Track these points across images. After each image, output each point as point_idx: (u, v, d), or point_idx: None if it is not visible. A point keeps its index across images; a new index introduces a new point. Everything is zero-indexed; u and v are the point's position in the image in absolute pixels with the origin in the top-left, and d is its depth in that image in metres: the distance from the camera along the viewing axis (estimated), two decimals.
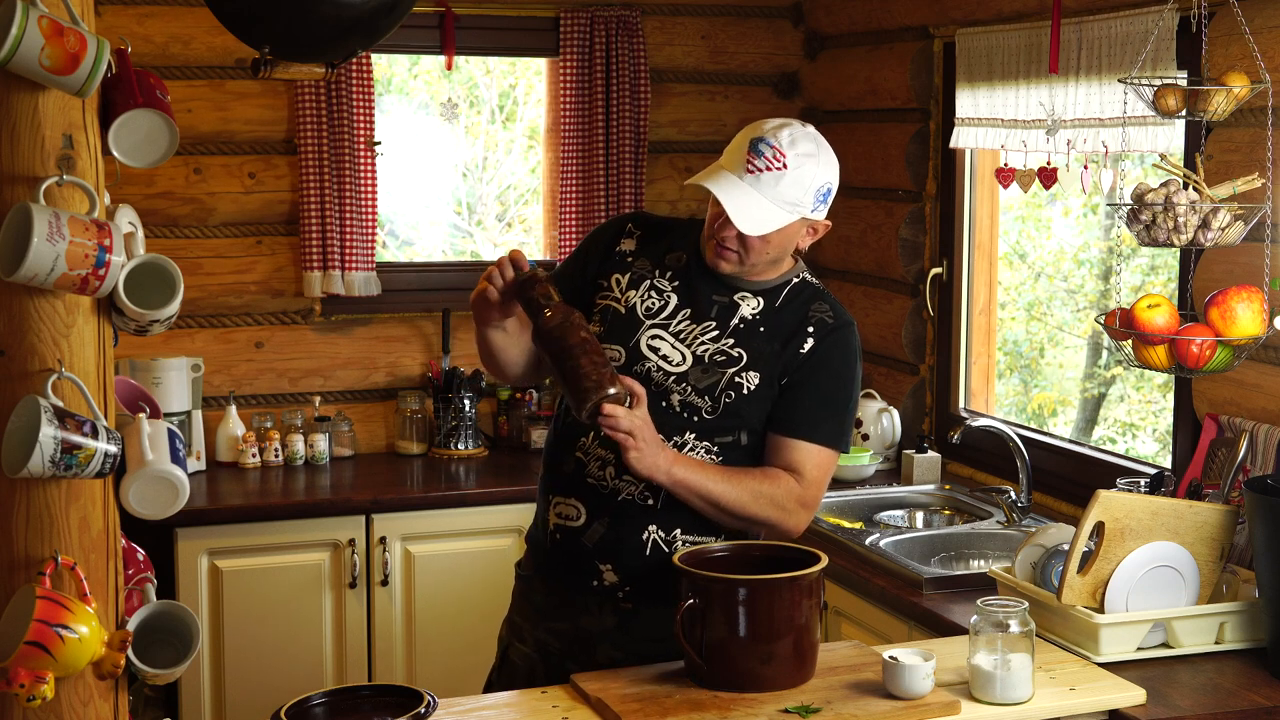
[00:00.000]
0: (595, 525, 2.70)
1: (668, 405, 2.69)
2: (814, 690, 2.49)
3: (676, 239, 2.81)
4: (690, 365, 2.69)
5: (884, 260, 4.62)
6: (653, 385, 2.68)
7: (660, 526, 2.69)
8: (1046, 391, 6.68)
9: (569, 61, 4.75)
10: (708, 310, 2.72)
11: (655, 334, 2.72)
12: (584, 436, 2.70)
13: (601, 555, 2.70)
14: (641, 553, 2.68)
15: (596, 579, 2.71)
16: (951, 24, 4.22)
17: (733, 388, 2.68)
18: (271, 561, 4.14)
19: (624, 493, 2.68)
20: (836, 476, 4.27)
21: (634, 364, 2.70)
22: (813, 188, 2.63)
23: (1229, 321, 2.91)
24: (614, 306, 2.74)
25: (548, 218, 4.95)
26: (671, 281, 2.75)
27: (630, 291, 2.75)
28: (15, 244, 1.95)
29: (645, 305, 2.73)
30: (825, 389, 2.70)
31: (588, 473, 2.70)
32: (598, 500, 2.69)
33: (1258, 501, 2.74)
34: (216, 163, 4.57)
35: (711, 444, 2.69)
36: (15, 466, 1.96)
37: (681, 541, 2.70)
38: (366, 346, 4.75)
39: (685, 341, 2.71)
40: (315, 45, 2.32)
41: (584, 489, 2.70)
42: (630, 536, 2.69)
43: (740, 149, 2.65)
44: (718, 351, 2.70)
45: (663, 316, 2.73)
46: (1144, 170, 4.48)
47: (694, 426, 2.69)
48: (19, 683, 1.96)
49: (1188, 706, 2.58)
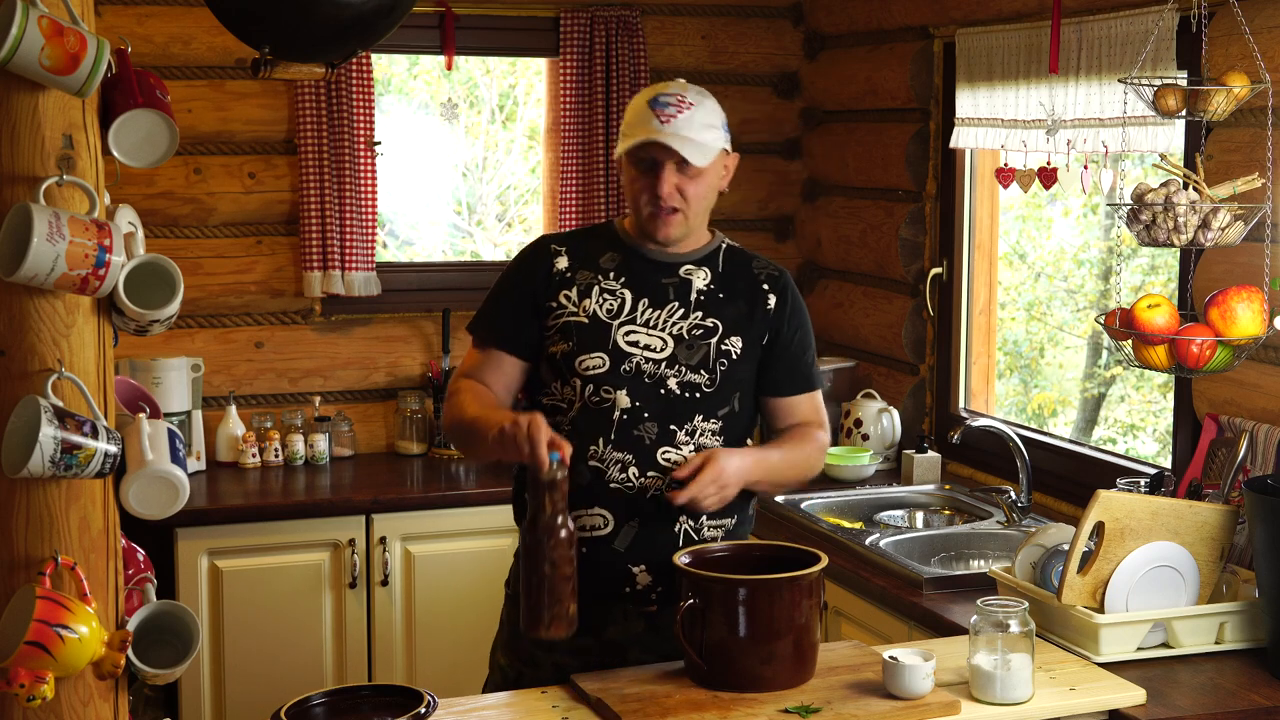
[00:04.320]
0: (625, 529, 2.70)
1: (666, 392, 2.71)
2: (814, 690, 2.49)
3: (600, 243, 2.85)
4: (674, 346, 2.74)
5: (884, 260, 4.62)
6: (645, 378, 2.71)
7: (689, 516, 2.73)
8: (1046, 391, 6.69)
9: (569, 61, 4.75)
10: (664, 293, 2.77)
11: (627, 330, 2.74)
12: (594, 444, 2.71)
13: (634, 557, 2.71)
14: (675, 546, 2.70)
15: (629, 584, 2.72)
16: (951, 24, 4.22)
17: (723, 355, 2.76)
18: (271, 561, 4.14)
19: (652, 489, 2.70)
20: (837, 476, 4.29)
21: (619, 364, 2.72)
22: (719, 116, 2.77)
23: (1229, 321, 2.91)
24: (575, 320, 2.76)
25: (548, 218, 4.95)
26: (617, 279, 2.78)
27: (585, 301, 2.76)
28: (15, 244, 1.95)
29: (605, 308, 2.76)
30: (804, 340, 2.89)
31: (609, 479, 2.71)
32: (625, 503, 2.70)
33: (1258, 501, 2.74)
34: (216, 163, 4.57)
35: (715, 419, 2.75)
36: (15, 466, 1.96)
37: (709, 528, 2.75)
38: (366, 346, 4.75)
39: (658, 327, 2.75)
40: (315, 45, 2.32)
41: (607, 496, 2.70)
42: (663, 532, 2.72)
43: (644, 115, 2.72)
44: (693, 326, 2.76)
45: (626, 313, 2.75)
46: (1144, 170, 4.48)
47: (698, 405, 2.73)
48: (19, 683, 1.96)
49: (1188, 706, 2.58)
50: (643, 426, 2.71)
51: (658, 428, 2.71)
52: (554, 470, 2.49)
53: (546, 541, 2.47)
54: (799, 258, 5.14)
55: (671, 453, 2.71)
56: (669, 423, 2.72)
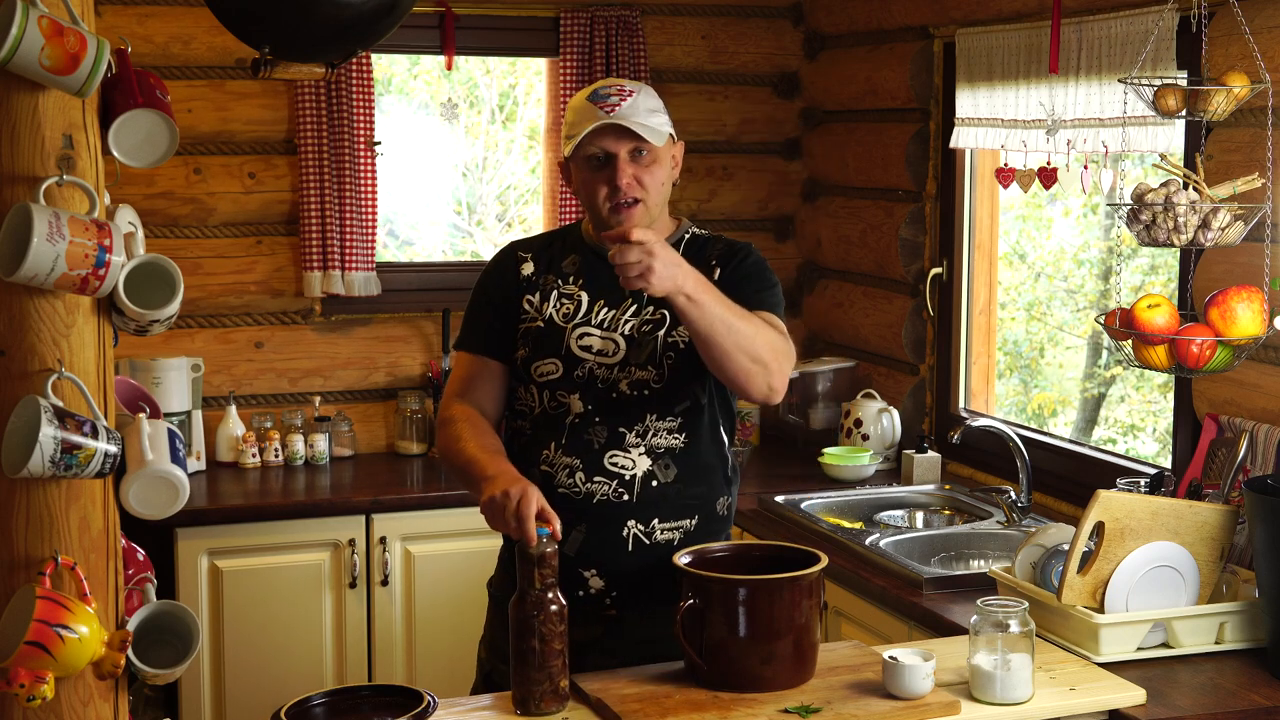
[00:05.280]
0: (574, 533, 2.69)
1: (618, 395, 2.70)
2: (814, 690, 2.49)
3: (563, 246, 2.84)
4: (626, 349, 2.72)
5: (884, 260, 4.62)
6: (599, 383, 2.70)
7: (638, 520, 2.70)
8: (1046, 391, 6.69)
9: (569, 61, 4.75)
10: (620, 292, 2.72)
11: (581, 333, 2.73)
12: (545, 449, 2.72)
13: (584, 562, 2.70)
14: (624, 550, 2.69)
15: (582, 588, 2.71)
16: (951, 24, 4.22)
17: (669, 349, 2.71)
18: (271, 561, 4.14)
19: (598, 494, 2.69)
20: (837, 476, 4.29)
21: (573, 370, 2.71)
22: (660, 103, 2.75)
23: (1229, 321, 2.91)
24: (534, 325, 2.76)
25: (548, 218, 4.95)
26: (575, 282, 2.78)
27: (544, 305, 2.77)
28: (15, 244, 1.95)
29: (561, 312, 2.75)
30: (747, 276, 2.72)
31: (557, 483, 2.70)
32: (572, 508, 2.68)
33: (1258, 501, 2.74)
34: (216, 163, 4.57)
35: (673, 416, 2.71)
36: (15, 466, 1.96)
37: (660, 532, 2.72)
38: (366, 346, 4.75)
39: (612, 328, 2.73)
40: (315, 45, 2.32)
41: (555, 500, 2.64)
42: (611, 536, 2.70)
43: (587, 110, 2.71)
44: (643, 322, 2.73)
45: (581, 315, 2.75)
46: (1144, 170, 4.48)
47: (648, 404, 2.70)
48: (19, 683, 1.96)
49: (1188, 706, 2.58)
50: (592, 430, 2.70)
51: (607, 431, 2.70)
52: (543, 545, 2.43)
53: (535, 616, 2.41)
54: (799, 258, 5.14)
55: (619, 456, 2.69)
56: (618, 425, 2.69)
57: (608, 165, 2.70)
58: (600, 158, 2.70)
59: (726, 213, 5.05)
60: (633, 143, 2.69)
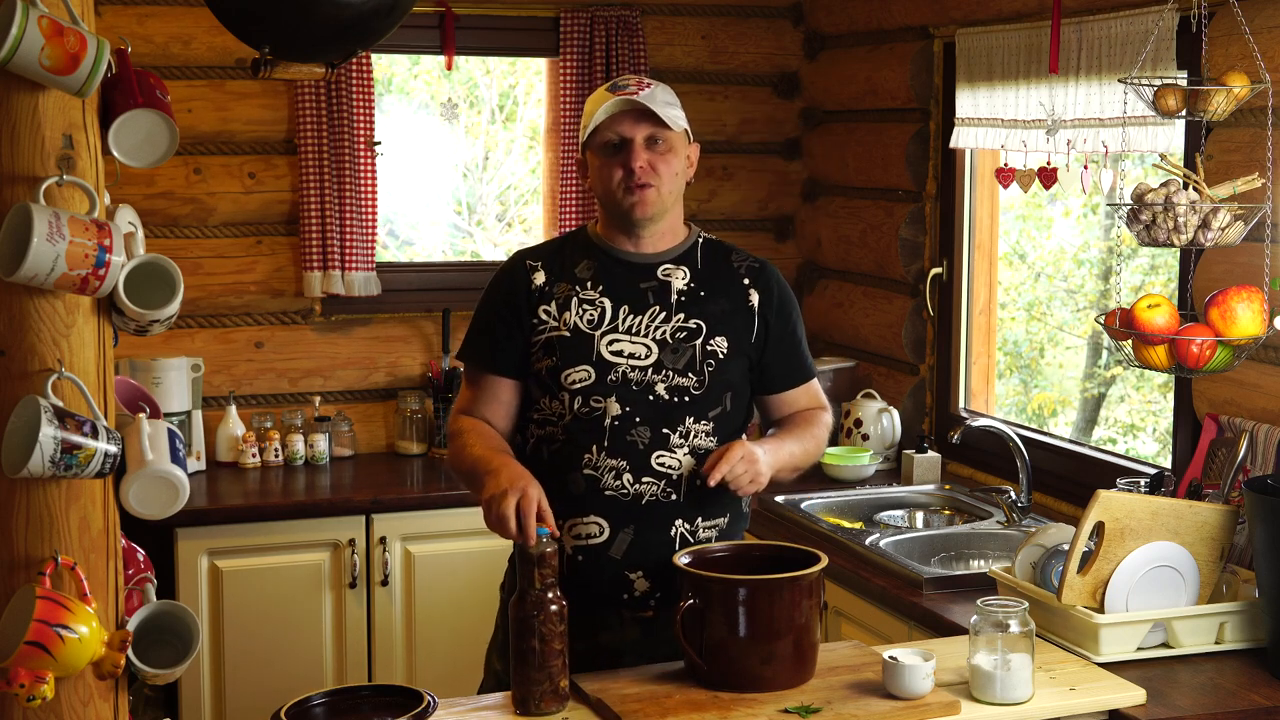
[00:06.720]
0: (621, 535, 2.69)
1: (655, 398, 2.70)
2: (814, 690, 2.49)
3: (573, 253, 2.83)
4: (659, 352, 2.72)
5: (884, 260, 4.62)
6: (633, 385, 2.70)
7: (685, 519, 2.72)
8: (1046, 391, 6.69)
9: (569, 61, 4.75)
10: (644, 298, 2.75)
11: (610, 339, 2.73)
12: (587, 452, 2.70)
13: (631, 564, 2.70)
14: (672, 549, 2.69)
15: (627, 591, 2.71)
16: (951, 24, 4.22)
17: (709, 356, 2.74)
18: (271, 561, 4.14)
19: (647, 495, 2.70)
20: (837, 476, 4.29)
21: (605, 374, 2.71)
22: (676, 99, 2.79)
23: (1229, 321, 2.91)
24: (558, 334, 2.74)
25: (548, 218, 4.95)
26: (595, 288, 2.76)
27: (565, 314, 2.74)
28: (15, 244, 1.95)
29: (586, 319, 2.74)
30: (796, 332, 2.88)
31: (604, 486, 2.70)
32: (620, 510, 2.69)
33: (1258, 501, 2.74)
34: (216, 163, 4.57)
35: (706, 420, 2.73)
36: (15, 466, 1.96)
37: (703, 529, 2.74)
38: (366, 346, 4.75)
39: (642, 334, 2.73)
40: (315, 45, 2.32)
41: (602, 503, 2.69)
42: (658, 537, 2.70)
43: (606, 99, 2.73)
44: (676, 329, 2.74)
45: (607, 323, 2.74)
46: (1144, 170, 4.48)
47: (688, 409, 2.72)
48: (19, 683, 1.96)
49: (1188, 706, 2.58)
50: (635, 432, 2.70)
51: (650, 432, 2.70)
52: (542, 545, 2.45)
53: (535, 616, 2.42)
54: (799, 258, 5.14)
55: (665, 456, 2.71)
56: (661, 427, 2.70)
57: (623, 150, 2.72)
58: (616, 143, 2.72)
59: (726, 213, 5.05)
60: (649, 129, 2.71)
